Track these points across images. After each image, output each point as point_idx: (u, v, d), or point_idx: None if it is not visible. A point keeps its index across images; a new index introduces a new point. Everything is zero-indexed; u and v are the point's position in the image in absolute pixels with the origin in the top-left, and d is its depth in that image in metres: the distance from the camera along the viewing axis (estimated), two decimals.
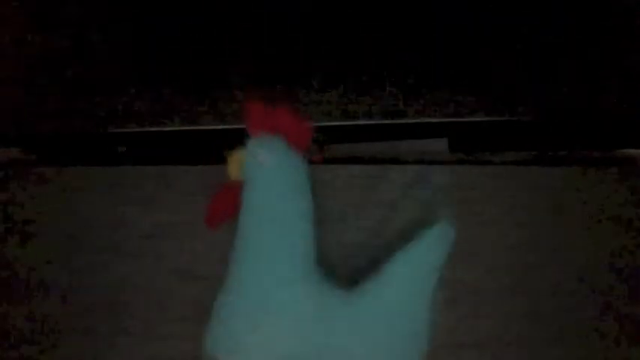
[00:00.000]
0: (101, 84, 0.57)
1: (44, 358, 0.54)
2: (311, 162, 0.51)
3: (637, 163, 0.58)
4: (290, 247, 0.47)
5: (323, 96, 0.56)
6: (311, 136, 0.48)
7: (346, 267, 0.54)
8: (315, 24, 0.57)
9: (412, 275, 0.47)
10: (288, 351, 0.46)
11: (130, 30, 0.58)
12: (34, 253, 0.55)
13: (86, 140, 0.59)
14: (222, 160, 0.54)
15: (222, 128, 0.56)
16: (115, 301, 0.54)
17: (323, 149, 0.56)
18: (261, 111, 0.48)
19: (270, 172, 0.47)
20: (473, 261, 0.54)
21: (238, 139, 0.49)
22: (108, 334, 0.54)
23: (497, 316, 0.53)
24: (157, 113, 0.56)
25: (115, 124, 0.57)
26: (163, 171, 0.55)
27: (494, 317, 0.53)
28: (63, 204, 0.55)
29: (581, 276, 0.54)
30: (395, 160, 0.56)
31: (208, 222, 0.49)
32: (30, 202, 0.55)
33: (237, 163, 0.48)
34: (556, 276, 0.54)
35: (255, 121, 0.48)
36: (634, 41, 0.57)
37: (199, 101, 0.56)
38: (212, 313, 0.47)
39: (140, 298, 0.54)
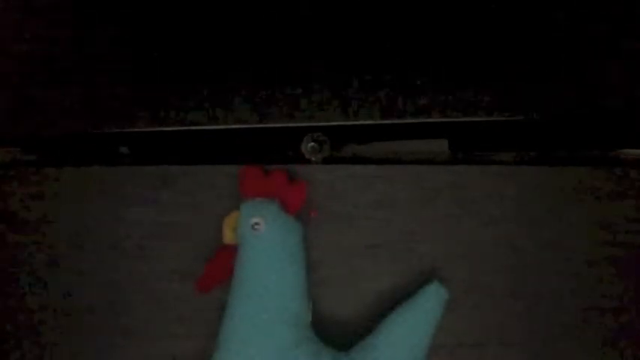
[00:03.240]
0: (101, 83, 0.57)
1: (44, 357, 0.54)
2: (309, 162, 0.51)
3: (637, 163, 0.58)
4: (282, 311, 0.47)
5: (323, 96, 0.56)
6: (305, 198, 0.49)
7: (346, 268, 0.54)
8: (315, 24, 0.57)
9: (405, 340, 0.48)
10: None
11: (131, 30, 0.58)
12: (34, 252, 0.55)
13: (86, 140, 0.59)
14: (222, 161, 0.55)
15: (222, 128, 0.56)
16: (115, 301, 0.54)
17: (321, 149, 0.56)
18: (255, 174, 0.48)
19: (263, 236, 0.46)
20: (473, 261, 0.54)
21: (238, 139, 0.49)
22: (108, 334, 0.54)
23: (497, 316, 0.53)
24: (157, 113, 0.56)
25: (115, 124, 0.57)
26: (163, 171, 0.55)
27: (494, 317, 0.53)
28: (63, 204, 0.55)
29: (582, 276, 0.54)
30: (395, 160, 0.56)
31: (201, 285, 0.50)
32: (30, 202, 0.55)
33: (232, 227, 0.48)
34: (556, 276, 0.54)
35: (249, 184, 0.48)
36: (635, 41, 0.57)
37: (200, 101, 0.56)
38: None
39: (140, 298, 0.54)
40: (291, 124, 0.56)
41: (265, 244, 0.47)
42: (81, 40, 0.58)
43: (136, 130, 0.57)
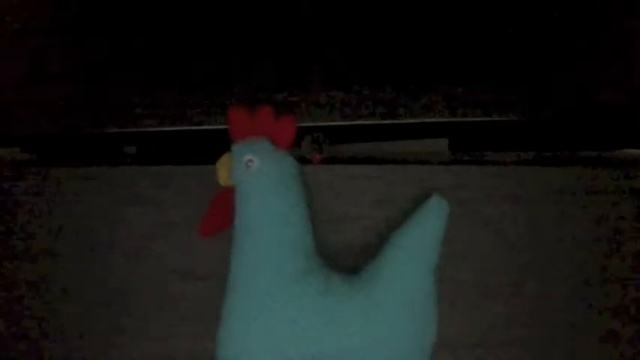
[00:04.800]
0: (101, 84, 0.57)
1: (44, 357, 0.54)
2: (309, 162, 0.51)
3: (637, 163, 0.58)
4: (287, 243, 0.47)
5: (323, 96, 0.56)
6: (294, 131, 0.48)
7: (346, 267, 0.54)
8: (315, 25, 0.57)
9: (413, 252, 0.48)
10: (300, 347, 0.46)
11: (131, 30, 0.58)
12: (35, 253, 0.55)
13: (86, 140, 0.59)
14: None
15: (222, 128, 0.56)
16: (115, 301, 0.54)
17: (321, 150, 0.56)
18: (242, 115, 0.48)
19: (258, 173, 0.47)
20: (473, 261, 0.54)
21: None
22: (108, 334, 0.54)
23: (498, 316, 0.53)
24: (156, 113, 0.56)
25: (115, 124, 0.57)
26: (163, 171, 0.55)
27: (494, 317, 0.53)
28: (63, 204, 0.55)
29: (581, 276, 0.54)
30: (395, 160, 0.56)
31: (203, 231, 0.49)
32: (30, 202, 0.55)
33: (226, 168, 0.48)
34: (556, 276, 0.54)
35: (237, 125, 0.48)
36: (634, 41, 0.57)
37: (199, 101, 0.56)
38: (220, 320, 0.47)
39: (140, 298, 0.54)
40: None
41: (261, 179, 0.47)
42: (82, 42, 0.58)
43: (137, 130, 0.57)
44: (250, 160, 0.47)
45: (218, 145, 0.57)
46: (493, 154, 0.59)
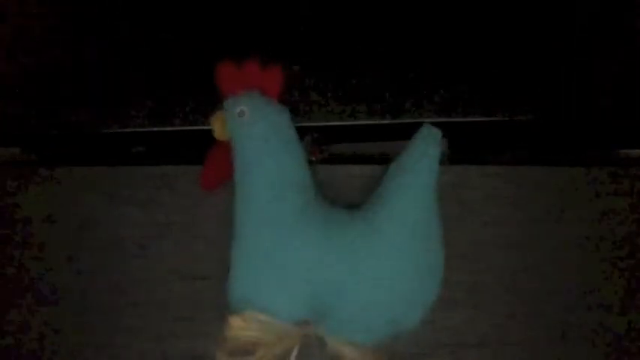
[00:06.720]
0: (101, 83, 0.57)
1: (44, 357, 0.54)
2: (309, 161, 0.51)
3: (637, 163, 0.58)
4: (287, 180, 0.48)
5: (322, 96, 0.56)
6: (282, 80, 0.50)
7: None
8: (314, 23, 0.57)
9: (410, 178, 0.49)
10: (309, 280, 0.47)
11: (130, 30, 0.58)
12: (34, 253, 0.55)
13: (86, 140, 0.59)
14: None
15: None
16: (115, 301, 0.54)
17: (321, 150, 0.56)
18: (229, 71, 0.49)
19: (251, 120, 0.48)
20: (473, 261, 0.54)
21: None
22: (108, 334, 0.54)
23: (497, 316, 0.53)
24: (157, 113, 0.57)
25: (115, 124, 0.57)
26: (163, 171, 0.55)
27: (494, 317, 0.53)
28: (63, 204, 0.55)
29: (581, 276, 0.54)
30: None
31: (205, 185, 0.50)
32: (30, 202, 0.55)
33: (220, 123, 0.49)
34: (556, 276, 0.54)
35: (225, 82, 0.49)
36: (633, 41, 0.57)
37: (200, 101, 0.56)
38: (230, 270, 0.48)
39: (140, 298, 0.54)
40: None
41: (254, 126, 0.48)
42: (80, 41, 0.58)
43: (137, 129, 0.57)
44: (242, 111, 0.48)
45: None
46: (493, 154, 0.59)
